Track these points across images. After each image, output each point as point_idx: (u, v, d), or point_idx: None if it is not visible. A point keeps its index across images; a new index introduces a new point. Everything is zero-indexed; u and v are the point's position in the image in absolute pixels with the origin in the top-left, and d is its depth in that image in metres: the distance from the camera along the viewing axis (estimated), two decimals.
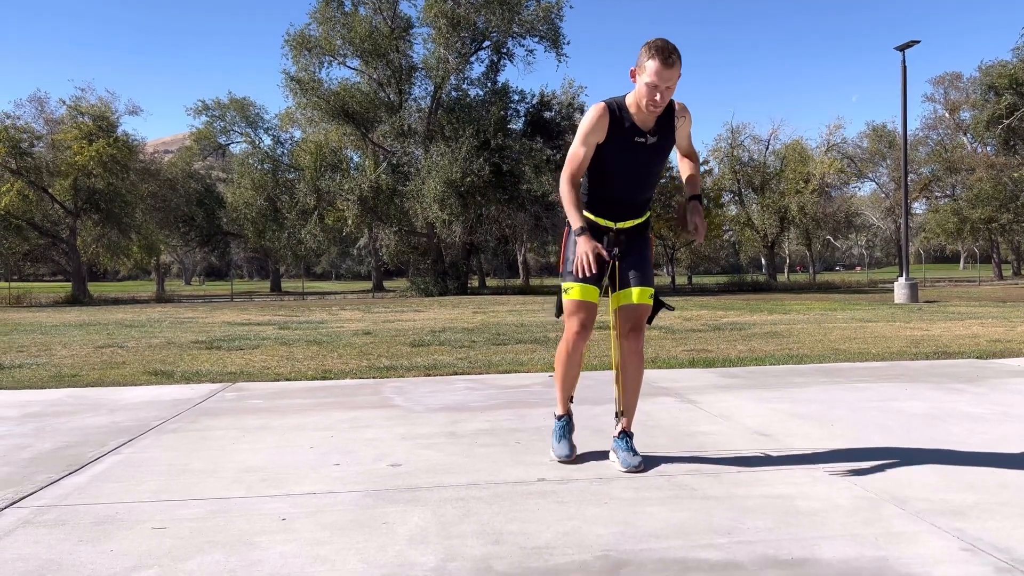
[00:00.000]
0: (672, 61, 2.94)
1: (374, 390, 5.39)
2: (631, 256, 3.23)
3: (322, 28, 31.86)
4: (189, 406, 4.80)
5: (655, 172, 3.26)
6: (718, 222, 43.00)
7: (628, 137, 3.09)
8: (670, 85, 2.98)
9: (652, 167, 3.22)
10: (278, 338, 9.93)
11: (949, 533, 2.37)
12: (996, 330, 9.58)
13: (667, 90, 2.98)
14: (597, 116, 3.08)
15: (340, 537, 2.41)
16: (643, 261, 3.24)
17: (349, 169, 34.15)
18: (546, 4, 31.43)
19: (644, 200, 3.29)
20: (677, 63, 2.96)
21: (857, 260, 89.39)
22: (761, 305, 18.00)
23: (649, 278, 3.24)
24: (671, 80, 2.97)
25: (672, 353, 7.42)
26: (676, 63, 2.96)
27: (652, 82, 2.95)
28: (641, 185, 3.24)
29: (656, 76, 2.94)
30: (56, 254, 38.84)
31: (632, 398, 3.27)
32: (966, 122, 47.13)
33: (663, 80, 2.94)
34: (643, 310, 3.21)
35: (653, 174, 3.25)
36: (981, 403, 4.54)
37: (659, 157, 3.21)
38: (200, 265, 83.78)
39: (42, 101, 35.07)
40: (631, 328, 3.20)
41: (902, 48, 21.27)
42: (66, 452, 3.59)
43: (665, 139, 3.17)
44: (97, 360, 7.53)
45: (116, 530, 2.50)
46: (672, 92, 3.02)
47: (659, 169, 3.28)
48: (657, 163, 3.22)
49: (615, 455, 3.22)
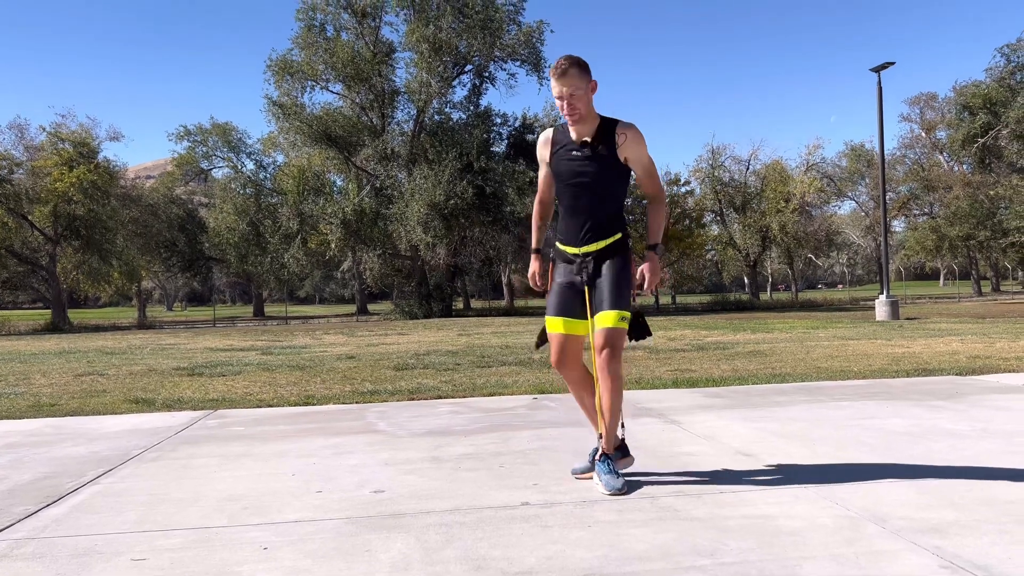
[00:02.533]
0: (562, 69, 3.13)
1: (357, 415, 5.36)
2: (599, 280, 3.24)
3: (304, 53, 32.03)
4: (170, 434, 4.75)
5: (601, 185, 3.24)
6: (700, 242, 43.28)
7: (567, 151, 3.30)
8: (573, 92, 3.14)
9: (596, 179, 3.24)
10: (261, 363, 9.86)
11: (928, 551, 2.39)
12: (975, 346, 9.68)
13: (572, 96, 3.14)
14: (543, 137, 3.40)
15: (322, 565, 2.39)
16: (612, 284, 3.21)
17: (332, 193, 34.16)
18: (527, 28, 31.80)
19: (603, 219, 3.26)
20: (570, 69, 3.13)
21: (839, 278, 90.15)
22: (744, 324, 18.10)
23: (616, 301, 3.18)
24: (569, 86, 3.13)
25: (656, 373, 7.44)
26: (568, 69, 3.13)
27: (555, 94, 3.19)
28: (590, 199, 3.25)
29: (555, 88, 3.17)
30: (36, 281, 38.44)
31: (609, 420, 3.23)
32: (942, 141, 47.91)
33: (561, 88, 3.14)
34: (610, 334, 3.16)
35: (599, 187, 3.24)
36: (961, 420, 4.58)
37: (600, 169, 3.22)
38: (182, 291, 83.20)
39: (22, 128, 35.06)
40: (599, 351, 3.19)
41: (877, 69, 21.64)
42: (44, 483, 3.55)
43: (604, 151, 3.21)
44: (77, 388, 7.45)
45: (95, 562, 2.47)
46: (580, 99, 3.15)
47: (605, 183, 3.24)
48: (600, 176, 3.23)
49: (597, 478, 3.22)
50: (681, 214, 41.14)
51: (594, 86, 3.22)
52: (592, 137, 3.24)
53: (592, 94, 3.22)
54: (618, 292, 3.20)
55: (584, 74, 3.18)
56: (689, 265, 46.18)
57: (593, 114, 3.24)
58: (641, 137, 3.24)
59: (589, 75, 3.20)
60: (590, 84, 3.20)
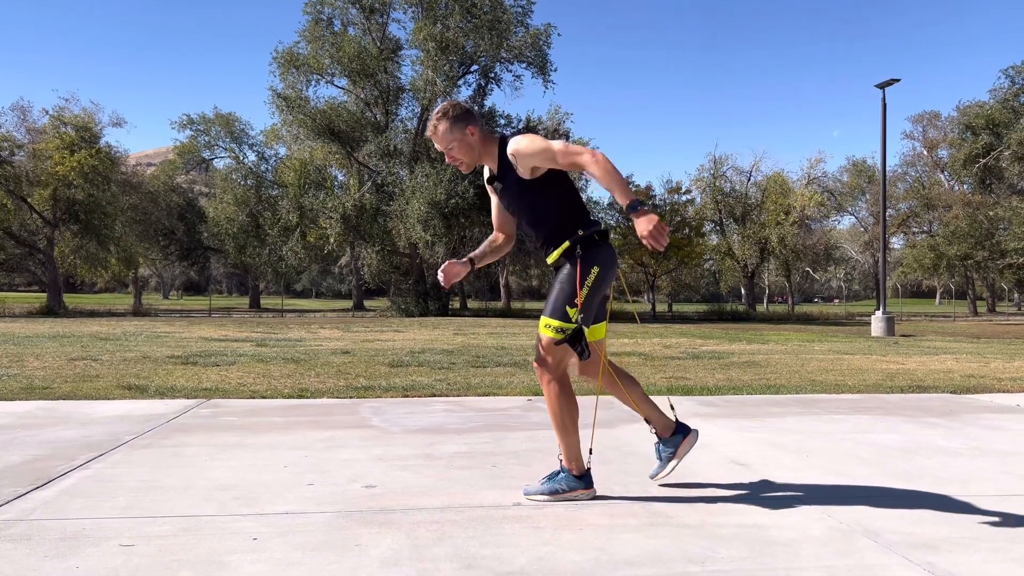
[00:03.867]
0: (432, 128, 3.15)
1: (351, 410, 5.35)
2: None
3: (311, 47, 32.00)
4: (162, 422, 4.73)
5: (526, 208, 3.17)
6: (699, 251, 43.32)
7: (491, 186, 3.29)
8: (446, 147, 3.14)
9: (520, 205, 3.19)
10: (255, 355, 9.84)
11: (920, 566, 2.38)
12: (970, 365, 9.69)
13: (448, 150, 3.15)
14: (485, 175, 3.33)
15: (312, 558, 2.38)
16: (553, 292, 3.11)
17: (333, 187, 34.17)
18: (534, 31, 31.80)
19: (548, 232, 3.14)
20: (438, 126, 3.12)
21: (835, 292, 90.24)
22: (740, 335, 18.11)
23: (549, 309, 3.07)
24: (439, 142, 3.15)
25: (651, 380, 7.43)
26: (436, 127, 3.13)
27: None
28: (528, 222, 3.22)
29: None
30: (32, 264, 38.39)
31: (557, 435, 3.15)
32: (944, 160, 48.03)
33: (437, 144, 3.17)
34: (540, 340, 3.09)
35: (525, 210, 3.18)
36: (955, 437, 4.58)
37: (519, 194, 3.14)
38: (179, 279, 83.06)
39: (24, 110, 34.91)
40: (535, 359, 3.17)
41: (882, 86, 21.68)
42: (34, 466, 3.53)
43: (511, 177, 3.11)
44: (70, 373, 7.42)
45: (82, 546, 2.46)
46: (460, 150, 3.13)
47: (530, 205, 3.15)
48: (522, 201, 3.16)
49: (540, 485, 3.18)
50: (681, 223, 41.16)
51: (471, 131, 3.11)
52: (496, 168, 3.20)
53: (473, 138, 3.13)
54: (553, 300, 3.08)
55: (457, 124, 3.09)
56: (687, 274, 46.25)
57: (488, 148, 3.17)
58: (525, 143, 3.03)
59: (464, 123, 3.11)
60: (467, 131, 3.10)
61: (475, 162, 3.20)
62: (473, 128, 3.12)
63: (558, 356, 3.04)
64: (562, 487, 3.08)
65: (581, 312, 2.99)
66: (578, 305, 2.99)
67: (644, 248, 38.68)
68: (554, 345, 3.01)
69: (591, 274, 3.02)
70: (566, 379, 3.10)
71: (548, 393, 3.08)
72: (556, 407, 3.07)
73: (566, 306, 3.01)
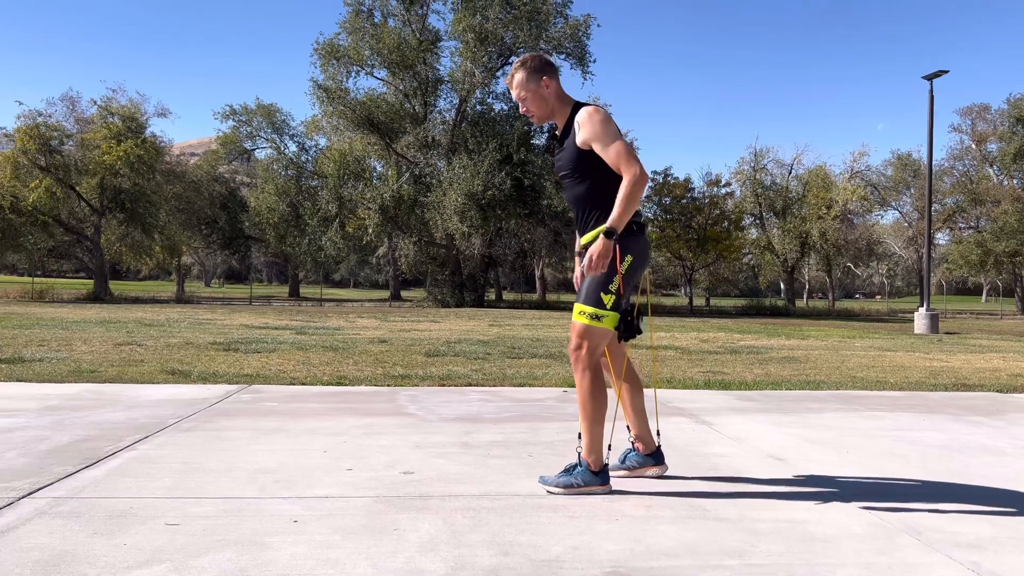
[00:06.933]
0: (509, 77, 3.26)
1: (388, 398, 5.40)
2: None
3: (351, 38, 32.21)
4: (205, 406, 4.83)
5: (571, 177, 3.17)
6: (738, 245, 42.78)
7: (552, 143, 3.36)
8: (519, 94, 3.23)
9: (569, 171, 3.18)
10: (295, 343, 9.98)
11: (964, 565, 2.34)
12: (1018, 364, 9.46)
13: (522, 100, 3.23)
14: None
15: (351, 541, 2.42)
16: (586, 280, 3.11)
17: (372, 178, 34.37)
18: (574, 22, 31.61)
19: (586, 209, 3.15)
20: (516, 73, 3.21)
21: (877, 289, 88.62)
22: (779, 329, 17.88)
23: (583, 296, 3.08)
24: (517, 88, 3.22)
25: (688, 374, 7.39)
26: (514, 74, 3.22)
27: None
28: (569, 191, 3.23)
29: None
30: (80, 251, 39.35)
31: (581, 422, 3.12)
32: (993, 154, 46.71)
33: (513, 91, 3.26)
34: (574, 327, 3.10)
35: (569, 179, 3.19)
36: (1001, 437, 4.48)
37: (567, 160, 3.16)
38: (220, 268, 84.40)
39: (73, 100, 35.66)
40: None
41: (930, 77, 21.17)
42: (83, 446, 3.63)
43: (569, 141, 3.15)
44: (116, 357, 7.61)
45: (130, 524, 2.53)
46: (532, 101, 3.21)
47: (575, 174, 3.14)
48: (569, 167, 3.16)
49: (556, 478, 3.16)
50: (720, 216, 40.67)
51: (547, 83, 3.17)
52: (561, 129, 3.24)
53: (548, 91, 3.18)
54: (586, 287, 3.08)
55: (533, 75, 3.17)
56: (725, 268, 45.70)
57: (561, 107, 3.21)
58: (592, 116, 3.06)
59: (541, 74, 3.17)
60: (542, 83, 3.17)
61: (546, 117, 3.25)
62: (549, 80, 3.20)
63: (592, 343, 3.06)
64: (577, 482, 3.07)
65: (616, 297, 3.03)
66: (612, 292, 3.02)
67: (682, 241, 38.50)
68: (586, 329, 3.04)
69: (625, 262, 3.04)
70: (599, 370, 3.10)
71: (580, 382, 3.08)
72: (586, 396, 3.07)
73: (600, 292, 3.03)
